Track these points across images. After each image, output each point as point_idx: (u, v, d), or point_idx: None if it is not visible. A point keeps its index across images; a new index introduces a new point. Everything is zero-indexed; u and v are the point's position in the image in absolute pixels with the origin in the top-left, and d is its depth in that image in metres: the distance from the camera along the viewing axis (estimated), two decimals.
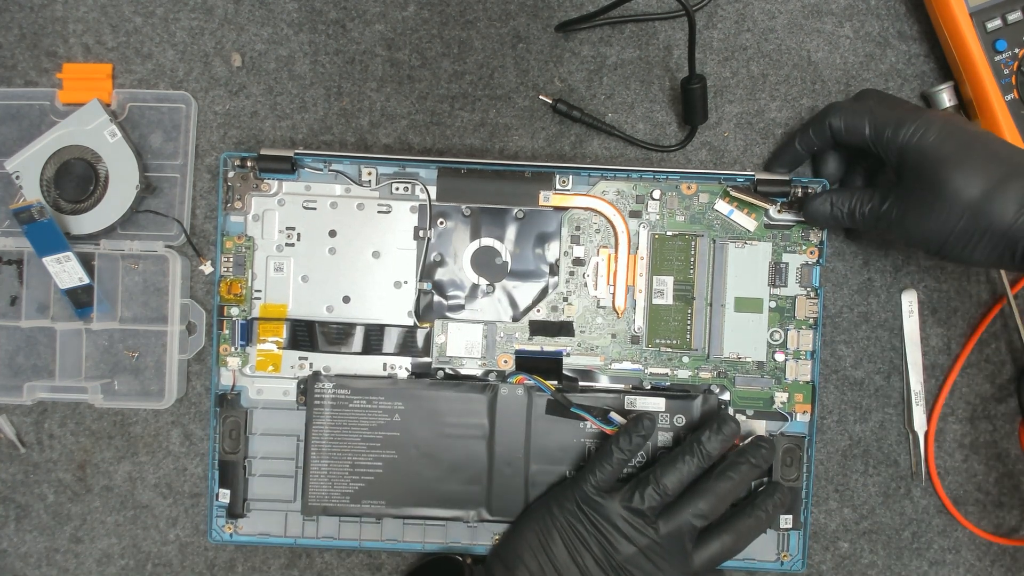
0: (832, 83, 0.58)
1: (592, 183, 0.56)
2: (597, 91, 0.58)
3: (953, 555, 0.58)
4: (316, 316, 0.56)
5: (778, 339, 0.56)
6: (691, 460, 0.50)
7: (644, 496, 0.50)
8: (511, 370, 0.56)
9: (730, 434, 0.51)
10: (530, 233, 0.56)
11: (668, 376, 0.56)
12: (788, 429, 0.56)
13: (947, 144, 0.47)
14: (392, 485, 0.54)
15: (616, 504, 0.50)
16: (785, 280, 0.56)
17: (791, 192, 0.55)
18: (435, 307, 0.56)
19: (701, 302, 0.56)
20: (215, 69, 0.58)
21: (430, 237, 0.56)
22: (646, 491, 0.50)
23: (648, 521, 0.49)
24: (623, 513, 0.49)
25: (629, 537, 0.49)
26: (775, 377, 0.56)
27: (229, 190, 0.56)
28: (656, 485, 0.50)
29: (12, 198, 0.57)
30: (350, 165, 0.56)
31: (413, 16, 0.58)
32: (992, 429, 0.58)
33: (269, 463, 0.56)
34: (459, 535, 0.56)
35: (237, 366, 0.56)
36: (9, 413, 0.59)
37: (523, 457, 0.55)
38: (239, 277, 0.56)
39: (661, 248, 0.56)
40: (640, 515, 0.49)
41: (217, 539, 0.56)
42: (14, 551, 0.59)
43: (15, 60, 0.59)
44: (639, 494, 0.50)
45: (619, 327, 0.56)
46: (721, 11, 0.58)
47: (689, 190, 0.56)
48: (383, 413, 0.55)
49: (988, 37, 0.54)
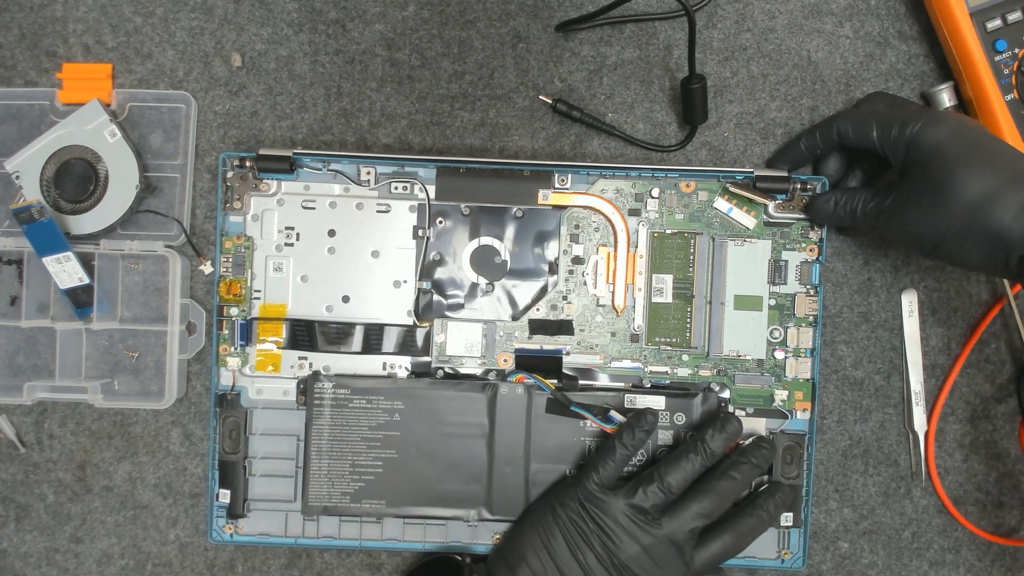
0: (832, 83, 0.58)
1: (591, 181, 0.56)
2: (597, 91, 0.58)
3: (953, 555, 0.58)
4: (315, 316, 0.56)
5: (778, 337, 0.56)
6: (695, 458, 0.50)
7: (648, 494, 0.50)
8: (511, 369, 0.56)
9: (734, 432, 0.51)
10: (529, 232, 0.56)
11: (668, 374, 0.56)
12: (788, 427, 0.56)
13: (955, 143, 0.47)
14: (392, 485, 0.54)
15: (619, 501, 0.50)
16: (785, 278, 0.56)
17: (790, 189, 0.55)
18: (434, 306, 0.56)
19: (701, 300, 0.56)
20: (215, 69, 0.58)
21: (429, 236, 0.56)
22: (649, 488, 0.50)
23: (651, 519, 0.49)
24: (626, 511, 0.49)
25: (632, 535, 0.49)
26: (775, 375, 0.56)
27: (228, 190, 0.56)
28: (660, 483, 0.50)
29: (12, 198, 0.57)
30: (349, 165, 0.56)
31: (413, 16, 0.58)
32: (992, 429, 0.58)
33: (269, 463, 0.56)
34: (459, 534, 0.56)
35: (237, 366, 0.56)
36: (9, 413, 0.59)
37: (523, 456, 0.55)
38: (238, 277, 0.56)
39: (660, 246, 0.56)
40: (643, 513, 0.49)
41: (217, 539, 0.56)
42: (14, 551, 0.59)
43: (15, 60, 0.59)
44: (643, 491, 0.50)
45: (619, 325, 0.56)
46: (721, 11, 0.58)
47: (688, 188, 0.56)
48: (383, 412, 0.55)
49: (988, 37, 0.54)
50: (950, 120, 0.48)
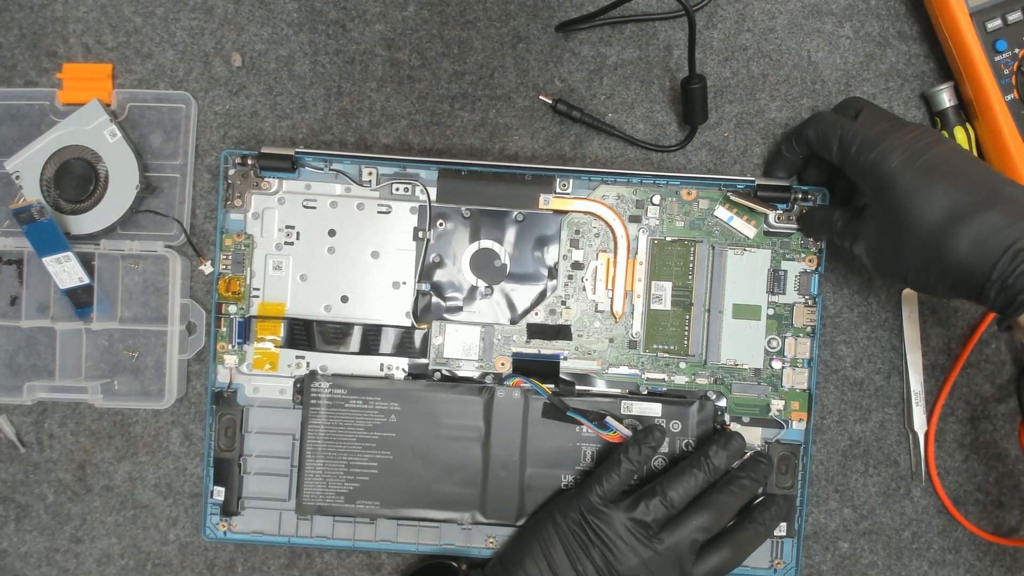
0: (832, 83, 0.58)
1: (592, 187, 0.56)
2: (597, 91, 0.58)
3: (953, 555, 0.58)
4: (314, 315, 0.56)
5: (776, 346, 0.56)
6: (698, 474, 0.50)
7: (650, 508, 0.49)
8: (508, 373, 0.56)
9: (737, 450, 0.51)
10: (529, 236, 0.56)
11: (665, 382, 0.56)
12: (784, 437, 0.56)
13: (906, 173, 0.45)
14: (387, 486, 0.54)
15: (620, 515, 0.49)
16: (784, 287, 0.56)
17: (791, 198, 0.55)
18: (433, 308, 0.56)
19: (699, 308, 0.56)
20: (215, 69, 0.58)
21: (429, 238, 0.56)
22: (652, 503, 0.49)
23: (651, 533, 0.49)
24: (627, 524, 0.49)
25: (632, 548, 0.49)
26: (772, 384, 0.56)
27: (229, 187, 0.56)
28: (663, 497, 0.50)
29: (12, 198, 0.57)
30: (351, 165, 0.56)
31: (413, 16, 0.58)
32: (992, 429, 0.58)
33: (264, 461, 0.56)
34: (453, 537, 0.56)
35: (234, 364, 0.56)
36: (9, 413, 0.59)
37: (519, 460, 0.54)
38: (238, 275, 0.56)
39: (660, 253, 0.56)
40: (644, 527, 0.49)
41: (211, 536, 0.56)
42: (14, 551, 0.59)
43: (15, 60, 0.59)
44: (645, 505, 0.49)
45: (617, 332, 0.56)
46: (721, 11, 0.58)
47: (689, 196, 0.56)
48: (379, 413, 0.55)
49: (988, 37, 0.54)
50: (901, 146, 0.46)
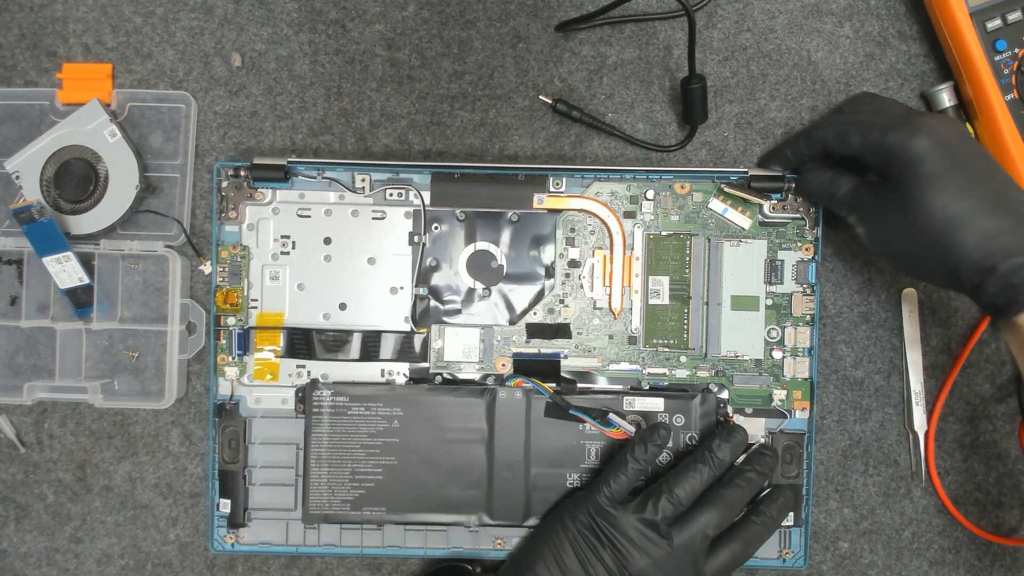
0: (832, 83, 0.58)
1: (586, 185, 0.56)
2: (597, 91, 0.58)
3: (953, 555, 0.58)
4: (313, 324, 0.56)
5: (775, 336, 0.56)
6: (704, 469, 0.50)
7: (658, 507, 0.49)
8: (509, 373, 0.56)
9: (740, 442, 0.51)
10: (525, 236, 0.56)
11: (666, 376, 0.56)
12: (787, 426, 0.56)
13: (933, 158, 0.46)
14: (392, 491, 0.54)
15: (629, 515, 0.49)
16: (781, 277, 0.56)
17: (785, 188, 0.55)
18: (432, 312, 0.56)
19: (697, 301, 0.56)
20: (215, 69, 0.58)
21: (425, 242, 0.56)
22: (659, 502, 0.49)
23: (661, 532, 0.49)
24: (636, 524, 0.49)
25: (642, 548, 0.49)
26: (773, 374, 0.56)
27: (223, 199, 0.56)
28: (670, 495, 0.49)
29: (12, 198, 0.57)
30: (343, 172, 0.56)
31: (413, 16, 0.58)
32: (992, 429, 0.58)
33: (269, 472, 0.56)
34: (461, 540, 0.56)
35: (235, 376, 0.56)
36: (9, 413, 0.59)
37: (523, 460, 0.54)
38: (235, 287, 0.56)
39: (656, 248, 0.56)
40: (653, 526, 0.49)
41: (219, 549, 0.56)
42: (14, 551, 0.59)
43: (15, 60, 0.59)
44: (653, 504, 0.49)
45: (616, 328, 0.56)
46: (721, 11, 0.58)
47: (683, 189, 0.56)
48: (382, 419, 0.55)
49: (988, 37, 0.54)
50: (934, 130, 0.47)
